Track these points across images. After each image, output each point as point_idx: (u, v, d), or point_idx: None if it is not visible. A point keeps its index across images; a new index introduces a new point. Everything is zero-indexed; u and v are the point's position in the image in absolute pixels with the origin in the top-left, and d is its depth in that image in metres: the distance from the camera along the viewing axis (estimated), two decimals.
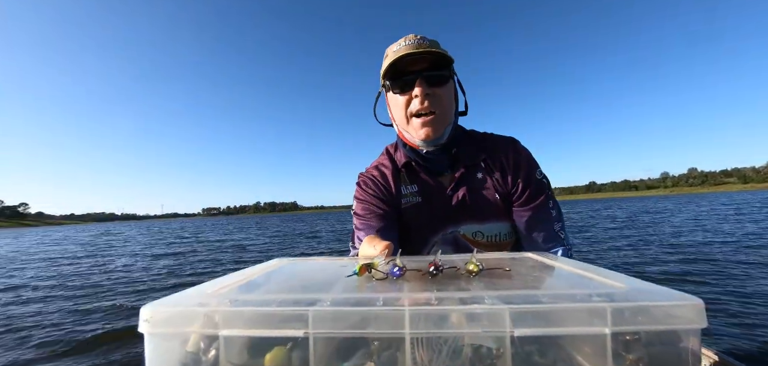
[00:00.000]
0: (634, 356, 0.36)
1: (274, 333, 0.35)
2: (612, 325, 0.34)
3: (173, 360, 0.37)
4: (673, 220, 14.97)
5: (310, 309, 0.35)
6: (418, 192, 0.95)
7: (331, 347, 0.39)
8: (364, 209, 0.94)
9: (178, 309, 0.37)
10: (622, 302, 0.35)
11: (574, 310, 0.35)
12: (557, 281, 0.46)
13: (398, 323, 0.34)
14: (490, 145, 0.98)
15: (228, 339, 0.37)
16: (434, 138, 0.88)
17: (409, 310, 0.35)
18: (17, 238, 32.09)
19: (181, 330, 0.37)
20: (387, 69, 0.85)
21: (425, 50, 0.81)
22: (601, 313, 0.34)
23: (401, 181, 0.97)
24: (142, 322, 0.37)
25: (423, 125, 0.85)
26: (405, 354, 0.36)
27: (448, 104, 0.87)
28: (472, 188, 0.93)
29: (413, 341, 0.36)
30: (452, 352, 0.37)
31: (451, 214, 0.92)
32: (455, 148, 0.95)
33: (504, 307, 0.34)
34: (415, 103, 0.84)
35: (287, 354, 0.38)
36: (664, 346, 0.36)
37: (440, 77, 0.84)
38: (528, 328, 0.34)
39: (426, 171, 0.96)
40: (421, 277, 0.47)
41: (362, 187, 0.99)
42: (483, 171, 0.95)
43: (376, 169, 1.00)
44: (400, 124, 0.91)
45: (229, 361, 0.37)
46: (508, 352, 0.35)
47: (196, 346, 0.38)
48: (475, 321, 0.35)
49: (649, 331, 0.35)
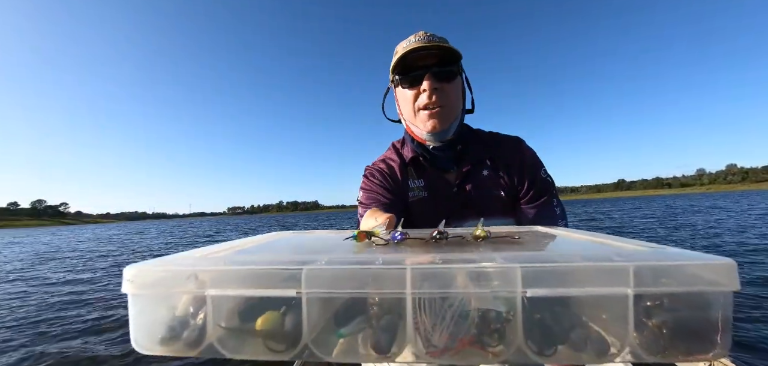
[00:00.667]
0: (657, 321, 0.33)
1: (264, 292, 0.33)
2: (635, 285, 0.31)
3: (159, 322, 0.35)
4: (726, 218, 13.26)
5: (303, 267, 0.32)
6: (424, 186, 0.96)
7: (327, 312, 0.36)
8: (369, 198, 0.94)
9: (164, 268, 0.34)
10: (645, 261, 0.32)
11: (593, 269, 0.31)
12: (573, 246, 0.43)
13: (399, 283, 0.32)
14: (495, 144, 1.00)
15: (217, 301, 0.34)
16: (441, 131, 0.89)
17: (412, 267, 0.32)
18: (54, 235, 33.52)
19: (167, 290, 0.34)
20: (396, 63, 0.87)
21: (434, 45, 0.83)
22: (622, 274, 0.31)
23: (409, 175, 0.98)
24: (125, 281, 0.34)
25: (430, 117, 0.86)
26: (406, 318, 0.33)
27: (455, 100, 0.89)
28: (477, 185, 0.94)
29: (415, 305, 0.33)
30: (458, 316, 0.34)
31: (456, 210, 0.92)
32: (461, 145, 0.96)
33: (515, 266, 0.31)
34: (423, 97, 0.85)
35: (280, 318, 0.35)
36: (691, 310, 0.33)
37: (448, 73, 0.86)
38: (542, 288, 0.31)
39: (432, 166, 0.97)
40: (425, 243, 0.44)
41: (369, 178, 0.99)
42: (489, 168, 0.96)
43: (383, 162, 1.01)
44: (408, 118, 0.92)
45: (218, 324, 0.34)
46: (519, 315, 0.32)
47: (184, 310, 0.35)
48: (483, 281, 0.32)
49: (674, 293, 0.32)
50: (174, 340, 0.34)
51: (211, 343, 0.34)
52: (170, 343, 0.34)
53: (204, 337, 0.34)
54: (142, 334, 0.35)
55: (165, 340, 0.34)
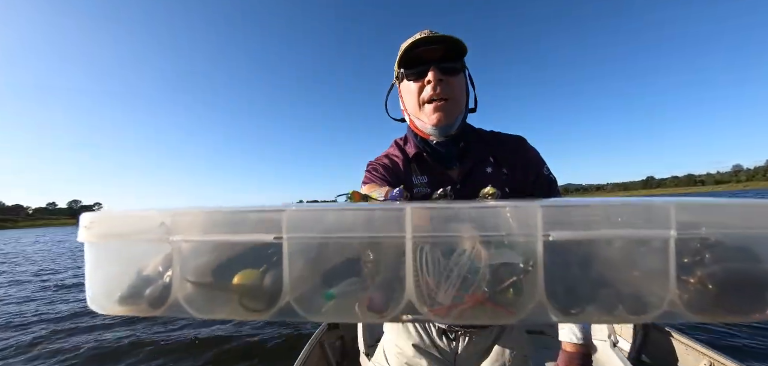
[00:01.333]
0: (702, 273, 0.28)
1: (238, 238, 0.28)
2: (678, 228, 0.26)
3: (118, 276, 0.30)
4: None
5: (285, 209, 0.28)
6: (427, 183, 0.94)
7: (315, 273, 0.31)
8: (370, 190, 0.93)
9: (125, 213, 0.30)
10: (687, 200, 0.27)
11: (628, 208, 0.26)
12: (599, 200, 0.38)
13: (397, 225, 0.27)
14: (498, 142, 1.00)
15: (185, 253, 0.29)
16: (446, 124, 0.88)
17: (412, 207, 0.27)
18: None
19: (129, 239, 0.29)
20: (401, 57, 0.88)
21: (441, 36, 0.83)
22: (662, 213, 0.26)
23: (412, 171, 0.96)
24: (81, 229, 0.30)
25: (435, 110, 0.86)
26: (406, 265, 0.28)
27: (459, 94, 0.89)
28: (479, 183, 0.92)
29: (417, 258, 0.28)
30: (466, 273, 0.29)
31: None
32: (464, 142, 0.96)
33: (534, 203, 0.26)
34: (428, 89, 0.85)
35: (260, 275, 0.30)
36: (743, 261, 0.28)
37: (453, 68, 0.86)
38: (567, 230, 0.26)
39: (436, 163, 0.96)
40: (427, 200, 0.39)
41: (371, 173, 0.98)
42: (492, 166, 0.96)
43: (387, 158, 1.00)
44: (412, 112, 0.92)
45: (187, 279, 0.29)
46: (539, 266, 0.27)
47: (149, 263, 0.30)
48: (495, 227, 0.27)
49: (723, 240, 0.27)
50: (134, 298, 0.29)
51: (177, 300, 0.29)
52: (131, 302, 0.29)
53: (168, 295, 0.29)
54: (100, 290, 0.30)
55: (124, 299, 0.29)
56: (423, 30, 0.90)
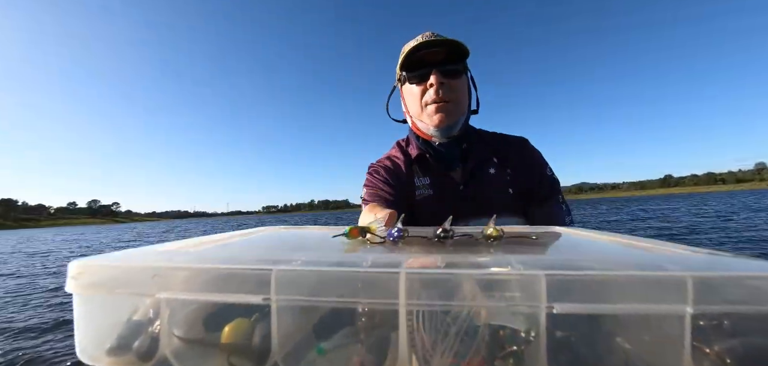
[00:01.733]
0: (719, 348, 0.26)
1: (225, 298, 0.27)
2: (694, 303, 0.24)
3: (107, 327, 0.29)
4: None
5: (273, 268, 0.26)
6: (430, 185, 0.95)
7: (307, 323, 0.30)
8: (371, 195, 0.93)
9: (114, 264, 0.29)
10: (706, 271, 0.25)
11: (639, 280, 0.24)
12: (604, 250, 0.36)
13: (390, 290, 0.25)
14: (501, 143, 1.00)
15: (173, 306, 0.29)
16: (448, 125, 0.89)
17: (407, 272, 0.25)
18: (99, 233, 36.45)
19: (117, 291, 0.29)
20: (404, 60, 0.88)
21: (443, 39, 0.83)
22: (678, 286, 0.24)
23: (414, 173, 0.97)
24: (69, 279, 0.29)
25: (437, 112, 0.86)
26: (400, 334, 0.27)
27: (462, 96, 0.89)
28: (483, 183, 0.94)
29: (411, 318, 0.27)
30: (464, 333, 0.28)
31: (462, 209, 0.91)
32: (466, 143, 0.96)
33: (538, 273, 0.25)
34: (431, 91, 0.85)
35: (250, 326, 0.29)
36: (765, 336, 0.26)
37: (455, 70, 0.87)
38: (572, 302, 0.24)
39: (438, 164, 0.97)
40: (426, 242, 0.38)
41: (373, 175, 0.98)
42: (495, 166, 0.96)
43: (388, 160, 1.00)
44: (415, 114, 0.92)
45: (175, 334, 0.29)
46: (542, 336, 0.25)
47: (137, 314, 0.30)
48: (497, 291, 0.26)
49: (744, 313, 0.25)
50: (123, 349, 0.29)
51: (165, 355, 0.28)
52: (119, 353, 0.29)
53: (157, 349, 0.28)
54: (89, 341, 0.30)
55: (113, 350, 0.29)
56: (425, 32, 0.90)
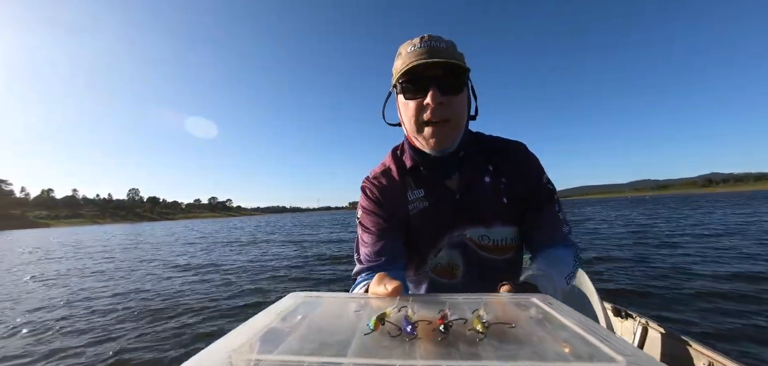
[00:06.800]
0: None
1: None
2: None
3: None
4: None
5: None
6: (425, 196, 0.95)
7: None
8: (369, 221, 0.94)
9: None
10: None
11: None
12: (559, 345, 0.47)
13: None
14: (497, 150, 0.98)
15: None
16: (445, 147, 0.87)
17: None
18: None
19: None
20: (400, 71, 0.83)
21: (441, 62, 0.79)
22: None
23: (408, 186, 0.96)
24: None
25: (433, 134, 0.84)
26: None
27: (461, 112, 0.86)
28: (479, 192, 0.93)
29: None
30: None
31: (458, 218, 0.92)
32: (463, 151, 0.94)
33: None
34: (428, 112, 0.82)
35: None
36: None
37: (455, 85, 0.82)
38: None
39: (433, 174, 0.95)
40: (432, 334, 0.49)
41: (368, 196, 0.98)
42: (491, 175, 0.95)
43: (382, 175, 0.99)
44: (411, 131, 0.89)
45: None
46: None
47: None
48: None
49: None
50: None
51: None
52: None
53: None
54: None
55: None
56: (423, 35, 0.85)
